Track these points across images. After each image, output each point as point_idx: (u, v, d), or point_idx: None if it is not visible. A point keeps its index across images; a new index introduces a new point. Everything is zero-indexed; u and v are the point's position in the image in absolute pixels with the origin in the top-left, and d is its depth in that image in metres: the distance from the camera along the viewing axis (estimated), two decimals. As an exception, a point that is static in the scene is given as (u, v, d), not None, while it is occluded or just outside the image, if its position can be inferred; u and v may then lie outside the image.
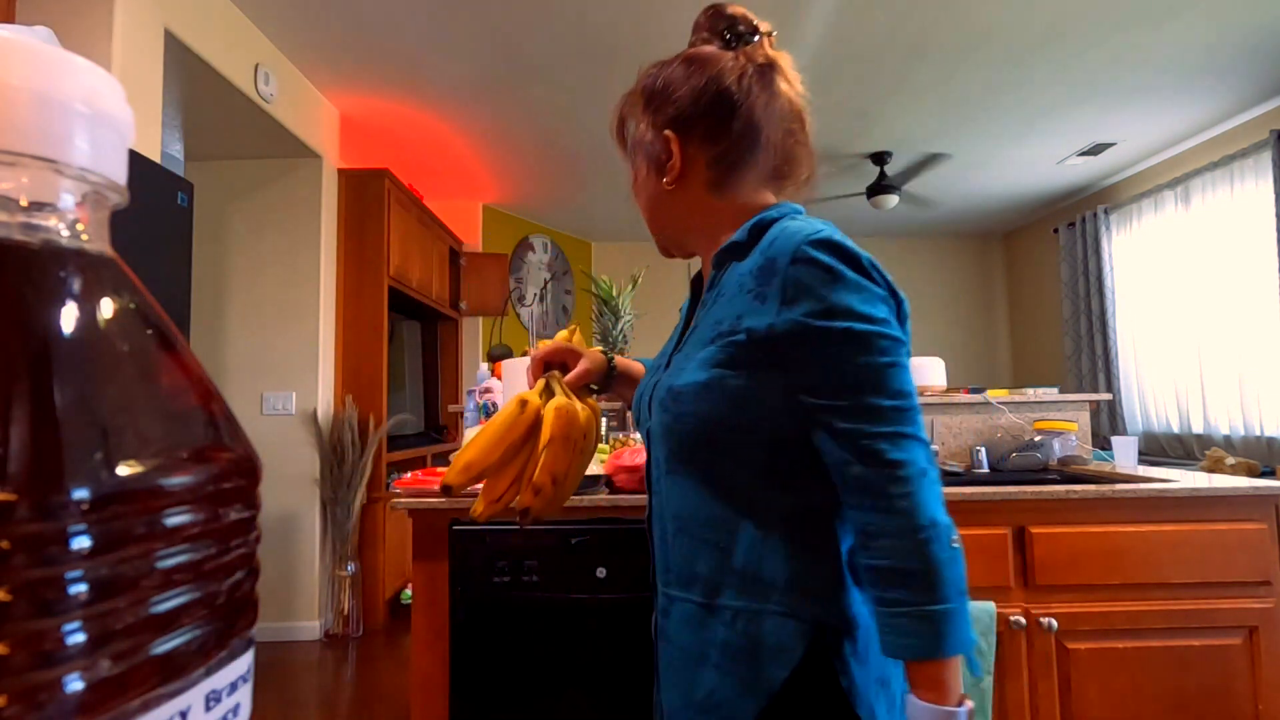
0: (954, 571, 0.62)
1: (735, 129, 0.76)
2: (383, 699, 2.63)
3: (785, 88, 0.78)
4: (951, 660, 0.62)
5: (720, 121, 0.76)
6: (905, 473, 0.63)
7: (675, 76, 0.78)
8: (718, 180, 0.79)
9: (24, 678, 0.15)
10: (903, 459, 0.63)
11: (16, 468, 0.16)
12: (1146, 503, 1.46)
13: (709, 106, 0.76)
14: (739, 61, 0.77)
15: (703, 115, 0.77)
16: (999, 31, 2.90)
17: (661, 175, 0.80)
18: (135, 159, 1.87)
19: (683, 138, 0.78)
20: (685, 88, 0.77)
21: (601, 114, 3.61)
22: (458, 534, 1.37)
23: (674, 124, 0.78)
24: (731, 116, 0.76)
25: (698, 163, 0.78)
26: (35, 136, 0.18)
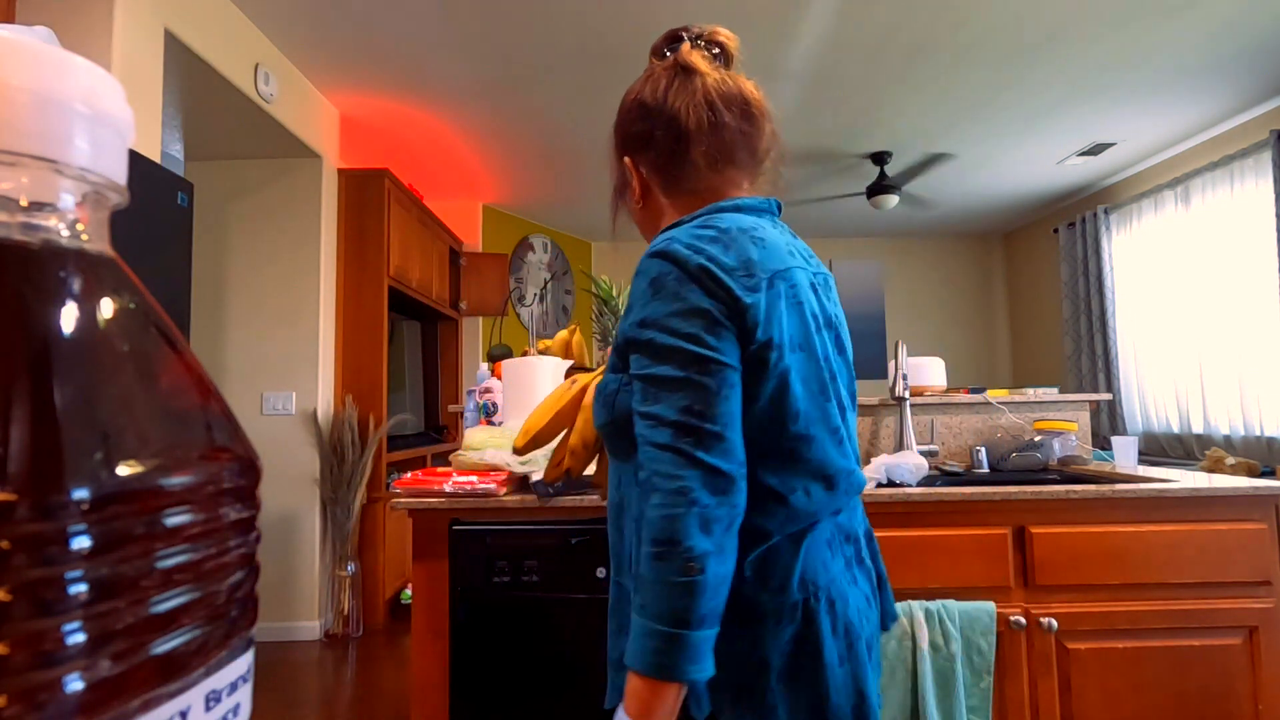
0: (673, 596, 0.61)
1: (658, 132, 0.81)
2: (383, 699, 2.63)
3: (703, 80, 0.81)
4: (650, 680, 0.62)
5: (648, 130, 0.81)
6: (662, 486, 0.64)
7: (621, 107, 0.86)
8: (665, 184, 0.83)
9: (24, 678, 0.15)
10: (664, 472, 0.65)
11: (16, 468, 0.16)
12: (1146, 503, 1.46)
13: (637, 120, 0.82)
14: (655, 72, 0.83)
15: (637, 131, 0.82)
16: (999, 31, 2.90)
17: (631, 197, 0.86)
18: (135, 159, 1.87)
19: (634, 158, 0.84)
20: (622, 113, 0.84)
21: (601, 114, 3.61)
22: (458, 534, 1.37)
23: (626, 148, 0.85)
24: (654, 122, 0.81)
25: (652, 176, 0.84)
26: (35, 136, 0.18)
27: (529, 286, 5.51)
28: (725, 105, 0.81)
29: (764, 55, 3.06)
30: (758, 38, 2.92)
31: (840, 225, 5.69)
